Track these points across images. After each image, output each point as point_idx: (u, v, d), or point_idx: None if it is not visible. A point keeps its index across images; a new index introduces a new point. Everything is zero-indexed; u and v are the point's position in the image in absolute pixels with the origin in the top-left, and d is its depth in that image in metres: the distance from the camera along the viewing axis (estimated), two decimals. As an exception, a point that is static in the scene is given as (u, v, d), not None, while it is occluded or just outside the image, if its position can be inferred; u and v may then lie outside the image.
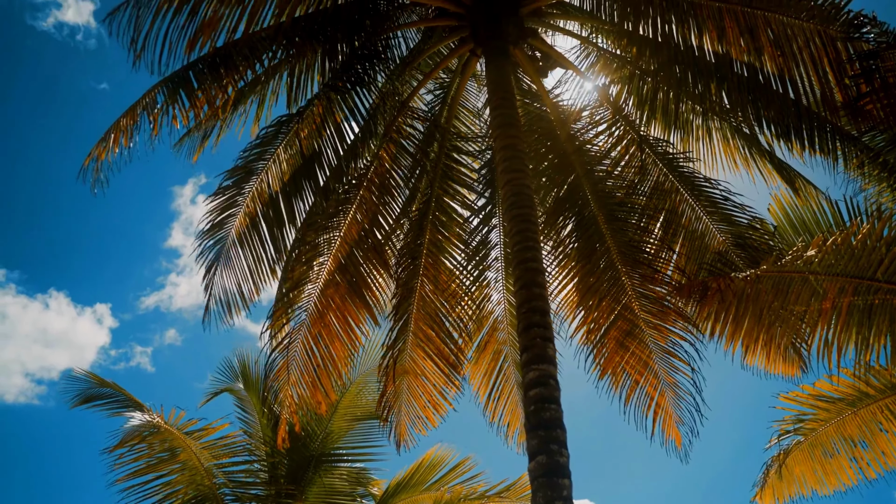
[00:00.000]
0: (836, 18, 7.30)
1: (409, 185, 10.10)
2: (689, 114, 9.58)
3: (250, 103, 9.36)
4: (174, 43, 7.90)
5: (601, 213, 9.76)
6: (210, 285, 9.74)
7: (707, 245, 9.66)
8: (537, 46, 9.37)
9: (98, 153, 8.72)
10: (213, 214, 9.64)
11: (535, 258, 7.54)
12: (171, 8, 7.75)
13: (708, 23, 8.00)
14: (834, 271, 6.35)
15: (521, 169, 7.93)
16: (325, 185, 9.73)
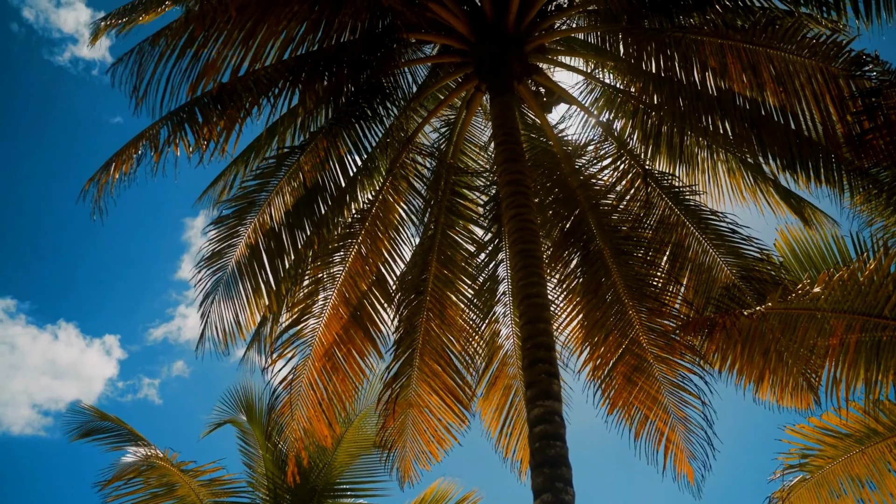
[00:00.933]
0: (837, 56, 7.35)
1: (413, 219, 10.15)
2: (693, 147, 9.64)
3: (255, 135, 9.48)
4: (176, 86, 7.94)
5: (607, 247, 9.78)
6: (206, 315, 9.75)
7: (714, 278, 9.66)
8: (541, 82, 9.47)
9: (99, 180, 8.78)
10: (213, 244, 9.68)
11: (540, 293, 7.56)
12: (173, 53, 7.79)
13: (710, 59, 8.07)
14: (841, 308, 6.34)
15: (525, 204, 7.97)
16: (328, 219, 9.78)
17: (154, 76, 7.93)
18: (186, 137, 8.42)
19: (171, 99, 8.01)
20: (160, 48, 7.89)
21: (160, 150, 8.29)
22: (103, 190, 8.51)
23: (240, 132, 8.92)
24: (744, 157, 9.47)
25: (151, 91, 8.00)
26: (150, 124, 8.67)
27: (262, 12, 7.94)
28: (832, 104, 7.57)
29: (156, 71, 7.91)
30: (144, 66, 8.01)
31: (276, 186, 9.51)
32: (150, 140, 8.52)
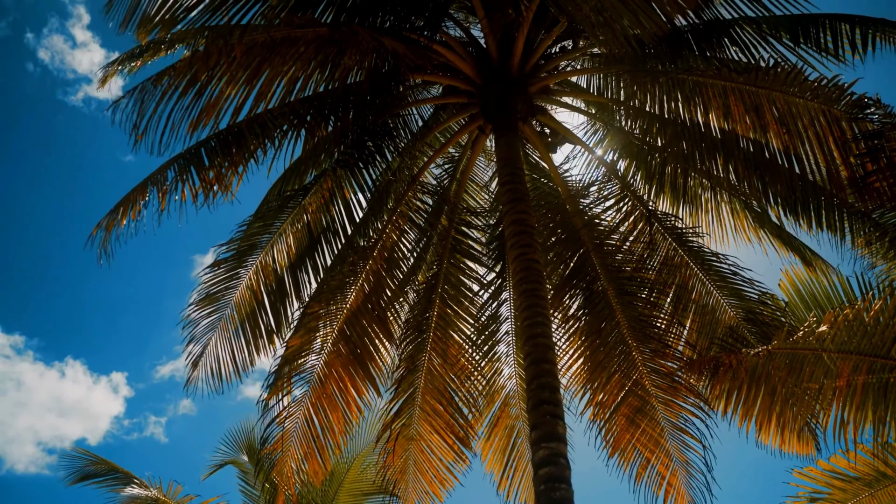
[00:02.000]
0: (839, 99, 7.44)
1: (417, 257, 10.18)
2: (697, 188, 9.72)
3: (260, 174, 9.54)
4: (177, 123, 8.03)
5: (611, 288, 9.81)
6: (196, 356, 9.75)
7: (718, 320, 9.67)
8: (546, 122, 9.58)
9: (107, 224, 8.82)
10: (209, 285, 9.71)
11: (545, 333, 7.56)
12: (176, 91, 7.87)
13: (713, 101, 8.17)
14: (847, 349, 6.34)
15: (530, 244, 8.01)
16: (331, 258, 9.83)
17: (155, 114, 8.02)
18: (192, 181, 8.49)
19: (171, 136, 8.10)
20: (162, 87, 7.98)
21: (166, 194, 8.35)
22: (110, 235, 8.57)
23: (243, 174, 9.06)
24: (748, 201, 9.52)
25: (152, 128, 8.07)
26: (156, 169, 8.77)
27: (268, 52, 8.05)
28: (835, 146, 7.65)
29: (157, 109, 7.99)
30: (146, 105, 8.09)
31: (280, 228, 9.58)
32: (156, 185, 8.59)
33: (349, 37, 8.12)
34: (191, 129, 8.13)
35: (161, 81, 7.98)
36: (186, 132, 8.14)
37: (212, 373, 9.68)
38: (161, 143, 8.13)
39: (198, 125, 8.12)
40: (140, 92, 8.17)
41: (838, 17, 8.22)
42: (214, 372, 9.68)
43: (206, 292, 9.58)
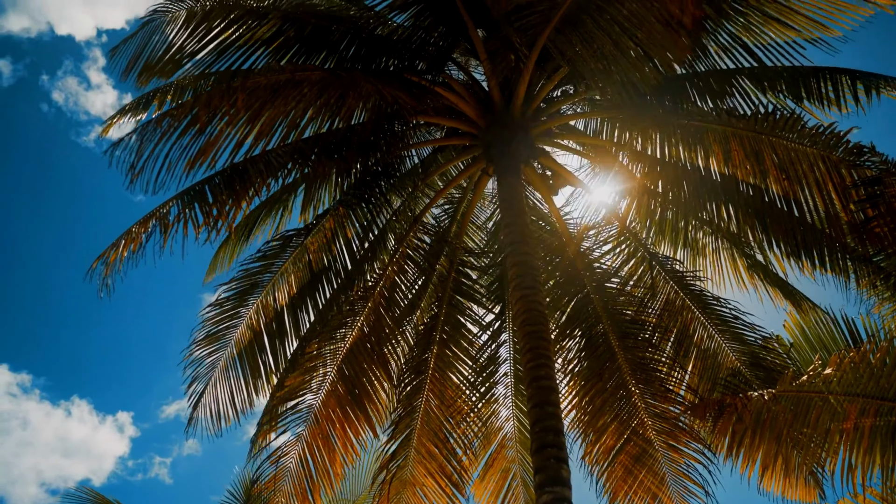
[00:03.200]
0: (837, 146, 7.58)
1: (416, 298, 10.19)
2: (697, 231, 9.79)
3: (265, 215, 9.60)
4: (174, 163, 8.08)
5: (612, 331, 9.84)
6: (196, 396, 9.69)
7: (720, 363, 9.70)
8: (547, 165, 9.68)
9: (108, 257, 8.82)
10: (211, 325, 9.70)
11: (549, 376, 7.54)
12: (176, 131, 7.94)
13: (714, 146, 8.30)
14: (854, 391, 6.35)
15: (533, 286, 8.04)
16: (331, 297, 9.85)
17: (153, 153, 8.06)
18: (196, 217, 8.52)
19: (168, 174, 8.15)
20: (162, 129, 8.04)
21: (169, 229, 8.37)
22: (112, 268, 8.55)
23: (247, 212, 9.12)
24: (745, 249, 9.62)
25: (148, 167, 8.13)
26: (159, 204, 8.81)
27: (270, 94, 8.16)
28: (835, 191, 7.76)
29: (155, 149, 8.05)
30: (144, 144, 8.15)
31: (281, 268, 9.61)
32: (159, 219, 8.61)
33: (350, 81, 8.25)
34: (188, 168, 8.18)
35: (162, 123, 8.06)
36: (183, 170, 8.19)
37: (212, 414, 9.62)
38: (157, 182, 8.18)
39: (195, 164, 8.16)
40: (140, 133, 8.24)
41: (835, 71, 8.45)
42: (214, 413, 9.63)
43: (207, 332, 9.56)
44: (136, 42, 8.95)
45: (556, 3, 7.45)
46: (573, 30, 7.66)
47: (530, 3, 7.49)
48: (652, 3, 7.11)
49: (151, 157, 8.06)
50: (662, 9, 6.99)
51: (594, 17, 7.40)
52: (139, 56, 8.97)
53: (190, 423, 9.74)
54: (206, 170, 8.33)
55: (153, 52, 8.93)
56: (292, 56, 8.89)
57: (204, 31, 8.63)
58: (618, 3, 7.28)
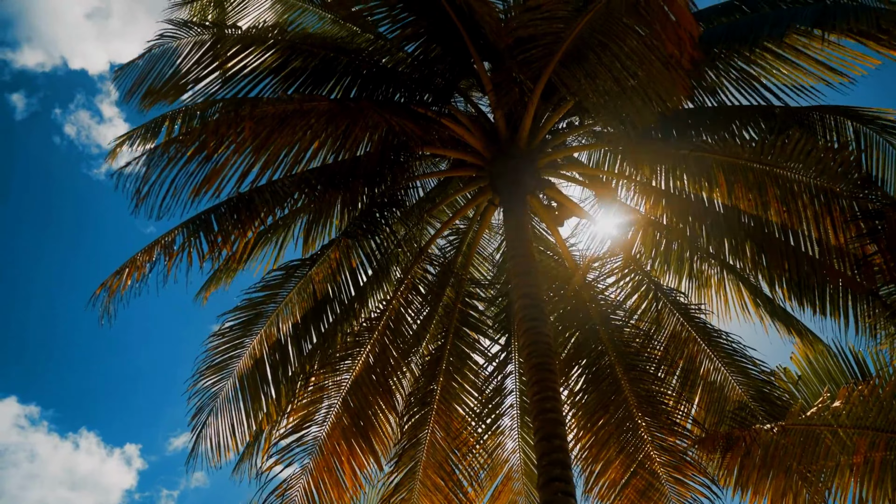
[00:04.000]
0: (844, 175, 7.63)
1: (421, 329, 10.21)
2: (702, 263, 9.82)
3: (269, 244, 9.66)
4: (179, 189, 8.14)
5: (618, 363, 9.83)
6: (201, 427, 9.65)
7: (726, 396, 9.67)
8: (553, 196, 9.73)
9: (110, 285, 8.86)
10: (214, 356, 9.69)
11: (555, 408, 7.52)
12: (182, 158, 8.00)
13: (717, 177, 8.37)
14: (863, 424, 6.35)
15: (539, 317, 8.05)
16: (336, 328, 9.85)
17: (158, 179, 8.13)
18: (200, 246, 8.57)
19: (173, 201, 8.22)
20: (168, 155, 8.12)
21: (174, 258, 8.42)
22: (114, 296, 8.59)
23: (252, 242, 9.18)
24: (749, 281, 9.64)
25: (153, 192, 8.20)
26: (165, 232, 8.88)
27: (278, 124, 8.23)
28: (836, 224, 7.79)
29: (160, 175, 8.12)
30: (151, 170, 8.23)
31: (285, 298, 9.62)
32: (163, 248, 8.67)
33: (357, 112, 8.34)
34: (193, 195, 8.25)
35: (168, 149, 8.14)
36: (188, 197, 8.25)
37: (215, 446, 9.57)
38: (161, 208, 8.25)
39: (200, 191, 8.23)
40: (146, 158, 8.31)
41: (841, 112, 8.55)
42: (216, 445, 9.56)
43: (210, 363, 9.55)
44: (141, 66, 9.04)
45: (559, 37, 7.54)
46: (577, 64, 7.76)
47: (533, 37, 7.59)
48: (652, 42, 7.17)
49: (157, 182, 8.14)
50: (661, 48, 7.06)
51: (597, 53, 7.49)
52: (144, 79, 9.04)
53: (192, 453, 9.70)
54: (211, 197, 8.41)
55: (158, 76, 9.01)
56: (299, 86, 8.99)
57: (210, 58, 8.74)
58: (619, 40, 7.36)
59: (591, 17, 7.31)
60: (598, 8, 7.18)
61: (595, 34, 7.45)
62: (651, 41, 7.18)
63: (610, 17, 7.27)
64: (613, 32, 7.37)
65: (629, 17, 7.18)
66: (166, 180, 8.09)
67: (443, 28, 8.45)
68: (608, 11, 7.20)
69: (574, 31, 7.47)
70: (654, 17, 6.85)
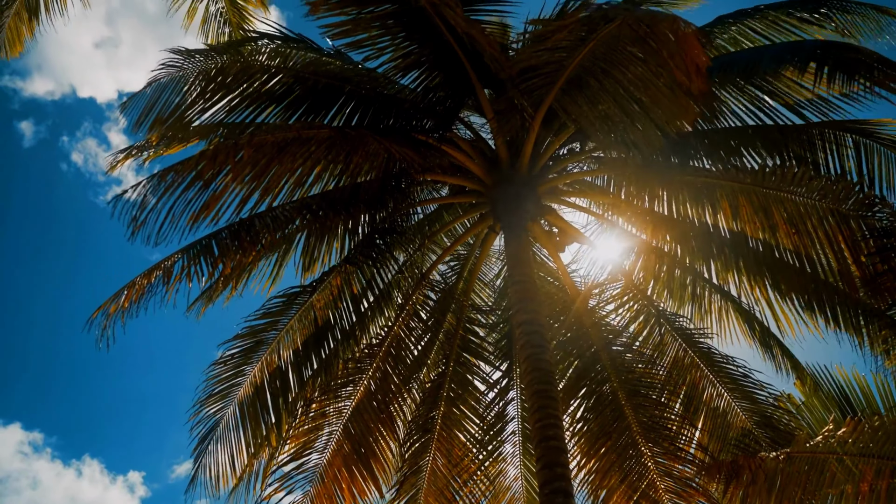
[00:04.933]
0: (847, 198, 7.67)
1: (423, 356, 10.23)
2: (704, 289, 9.84)
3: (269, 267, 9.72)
4: (177, 216, 8.23)
5: (621, 389, 9.83)
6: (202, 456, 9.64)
7: (730, 423, 9.66)
8: (554, 222, 9.77)
9: (108, 307, 8.90)
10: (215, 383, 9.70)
11: (557, 436, 7.52)
12: (181, 185, 8.09)
13: (722, 202, 8.42)
14: (870, 452, 6.34)
15: (540, 344, 8.06)
16: (337, 354, 9.87)
17: (157, 205, 8.20)
18: (200, 270, 8.63)
19: (171, 227, 8.28)
20: (166, 183, 8.18)
21: (176, 281, 8.47)
22: (113, 318, 8.63)
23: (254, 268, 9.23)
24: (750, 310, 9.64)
25: (151, 219, 8.26)
26: (164, 257, 8.93)
27: (277, 151, 8.32)
28: (845, 245, 7.82)
29: (158, 202, 8.19)
30: (149, 197, 8.30)
31: (287, 325, 9.65)
32: (163, 271, 8.72)
33: (358, 140, 8.41)
34: (191, 222, 8.32)
35: (166, 177, 8.20)
36: (187, 224, 8.32)
37: (216, 475, 9.55)
38: (159, 235, 8.30)
39: (198, 218, 8.30)
40: (144, 186, 8.39)
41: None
42: (215, 474, 9.55)
43: (211, 391, 9.56)
44: (148, 96, 9.16)
45: (561, 66, 7.59)
46: (578, 91, 7.80)
47: (535, 66, 7.64)
48: (658, 69, 7.19)
49: (154, 209, 8.22)
50: (668, 75, 7.09)
51: (599, 80, 7.54)
52: (151, 109, 9.16)
53: (191, 484, 9.67)
54: (209, 224, 8.48)
55: (164, 106, 9.11)
56: (301, 114, 9.07)
57: (215, 87, 8.84)
58: (622, 67, 7.40)
59: (593, 46, 7.34)
60: (601, 37, 7.21)
61: (598, 62, 7.48)
62: (656, 68, 7.20)
63: (613, 46, 7.29)
64: (617, 60, 7.39)
65: (633, 45, 7.19)
66: (164, 207, 8.18)
67: (444, 56, 8.53)
68: (612, 40, 7.23)
69: (576, 59, 7.51)
70: (661, 45, 6.83)
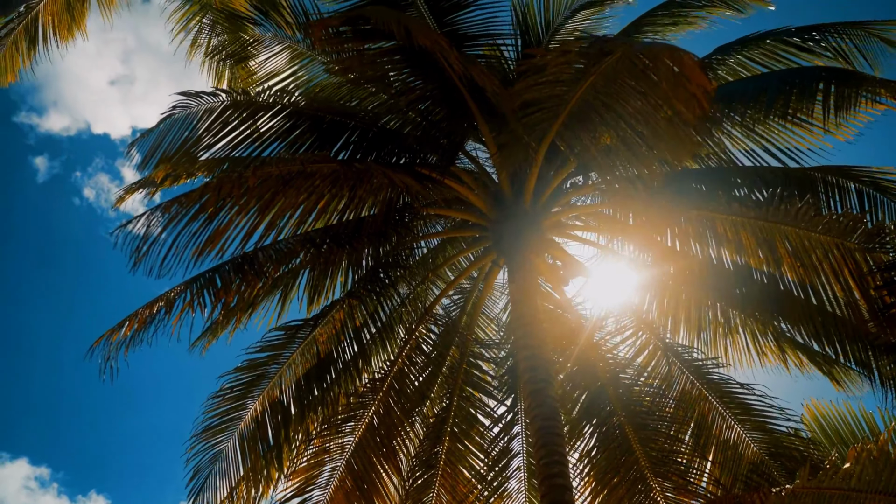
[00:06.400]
0: (853, 231, 7.76)
1: (427, 390, 10.30)
2: (710, 322, 9.89)
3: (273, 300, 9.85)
4: (181, 248, 8.38)
5: (628, 423, 9.87)
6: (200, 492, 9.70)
7: (741, 454, 9.66)
8: (558, 255, 9.88)
9: (109, 337, 9.02)
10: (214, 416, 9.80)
11: (562, 473, 7.57)
12: (185, 217, 8.25)
13: (725, 235, 8.52)
14: (876, 488, 6.36)
15: (545, 379, 8.14)
16: (339, 388, 9.96)
17: (160, 237, 8.37)
18: (204, 303, 8.76)
19: (175, 260, 8.43)
20: (170, 214, 8.35)
21: (180, 314, 8.61)
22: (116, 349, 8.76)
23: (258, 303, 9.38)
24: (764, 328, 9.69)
25: (154, 251, 8.43)
26: (168, 290, 9.08)
27: (282, 185, 8.48)
28: (851, 278, 7.89)
29: (161, 234, 8.36)
30: (152, 228, 8.47)
31: (289, 359, 9.77)
32: (166, 303, 8.86)
33: (363, 173, 8.58)
34: (196, 255, 8.47)
35: (170, 208, 8.38)
36: (192, 257, 8.48)
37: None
38: (162, 268, 8.46)
39: (203, 251, 8.45)
40: (147, 217, 8.57)
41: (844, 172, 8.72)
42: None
43: (209, 425, 9.67)
44: (156, 134, 9.44)
45: (563, 100, 7.74)
46: (581, 125, 7.94)
47: (537, 100, 7.80)
48: (658, 102, 7.28)
49: (158, 242, 8.40)
50: (667, 106, 7.21)
51: (601, 114, 7.68)
52: (158, 146, 9.40)
53: None
54: (214, 257, 8.64)
55: (171, 143, 9.36)
56: (306, 149, 9.27)
57: (220, 125, 9.09)
58: (623, 101, 7.52)
59: (593, 80, 7.46)
60: (601, 70, 7.32)
61: (599, 95, 7.60)
62: (657, 101, 7.29)
63: (613, 80, 7.39)
64: (617, 93, 7.49)
65: (633, 78, 7.30)
66: (168, 239, 8.35)
67: (447, 91, 8.74)
68: (612, 73, 7.32)
69: (577, 92, 7.64)
70: (662, 77, 6.91)
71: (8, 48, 12.08)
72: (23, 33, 12.16)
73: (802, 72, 8.90)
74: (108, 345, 8.93)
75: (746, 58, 9.58)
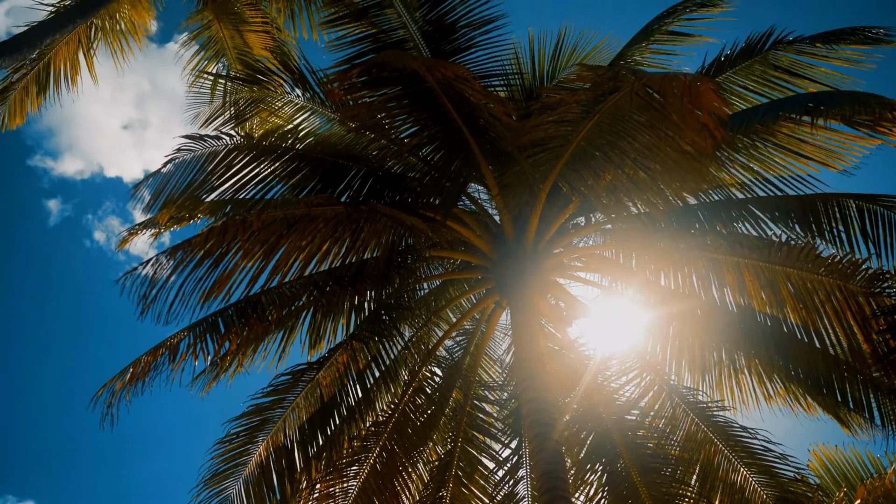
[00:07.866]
0: (855, 274, 7.85)
1: (430, 433, 10.32)
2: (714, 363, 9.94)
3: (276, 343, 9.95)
4: (187, 294, 8.49)
5: (633, 465, 9.85)
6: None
7: (748, 499, 9.65)
8: (561, 297, 9.97)
9: (115, 386, 9.11)
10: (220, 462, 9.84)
11: (568, 517, 7.58)
12: (191, 263, 8.38)
13: (728, 276, 8.62)
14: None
15: (548, 423, 8.15)
16: (343, 432, 10.00)
17: (167, 283, 8.49)
18: (206, 348, 8.86)
19: (181, 305, 8.55)
20: (176, 260, 8.48)
21: (182, 359, 8.70)
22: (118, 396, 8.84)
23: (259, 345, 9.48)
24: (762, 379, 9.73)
25: (161, 297, 8.55)
26: (171, 335, 9.18)
27: (286, 228, 8.61)
28: (854, 321, 7.98)
29: (168, 280, 8.48)
30: (158, 274, 8.60)
31: (293, 403, 9.84)
32: (169, 349, 8.96)
33: (367, 215, 8.72)
34: (202, 300, 8.59)
35: (175, 254, 8.51)
36: (197, 302, 8.59)
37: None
38: (169, 312, 8.58)
39: (209, 296, 8.56)
40: (153, 263, 8.71)
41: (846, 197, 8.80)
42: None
43: (215, 471, 9.70)
44: (161, 177, 9.63)
45: (566, 140, 7.86)
46: (584, 165, 8.07)
47: (542, 140, 7.94)
48: (667, 133, 7.29)
49: (164, 287, 8.52)
50: (678, 137, 7.20)
51: (605, 153, 7.80)
52: (161, 191, 9.59)
53: None
54: (221, 302, 8.76)
55: (175, 186, 9.54)
56: (309, 192, 9.44)
57: (224, 168, 9.27)
58: (629, 138, 7.59)
59: (598, 119, 7.53)
60: (605, 109, 7.40)
61: (603, 134, 7.71)
62: (665, 133, 7.29)
63: (619, 116, 7.45)
64: (623, 130, 7.56)
65: (641, 113, 7.31)
66: (174, 284, 8.47)
67: (449, 133, 8.88)
68: (616, 110, 7.38)
69: (581, 132, 7.75)
70: (672, 109, 6.90)
71: (18, 92, 12.40)
72: (34, 78, 12.48)
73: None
74: (111, 393, 9.03)
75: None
